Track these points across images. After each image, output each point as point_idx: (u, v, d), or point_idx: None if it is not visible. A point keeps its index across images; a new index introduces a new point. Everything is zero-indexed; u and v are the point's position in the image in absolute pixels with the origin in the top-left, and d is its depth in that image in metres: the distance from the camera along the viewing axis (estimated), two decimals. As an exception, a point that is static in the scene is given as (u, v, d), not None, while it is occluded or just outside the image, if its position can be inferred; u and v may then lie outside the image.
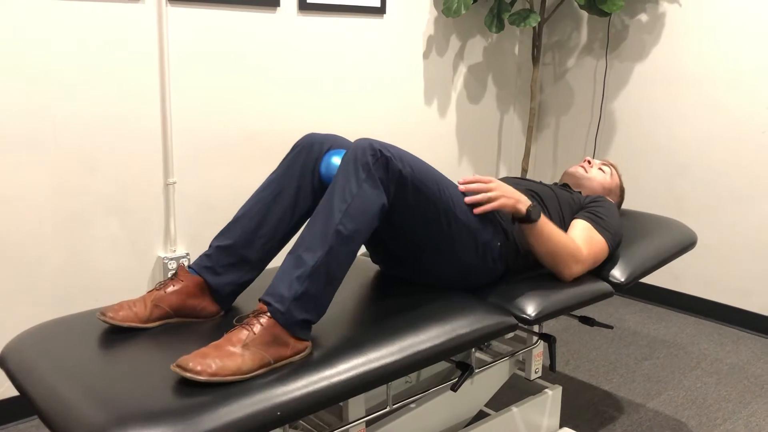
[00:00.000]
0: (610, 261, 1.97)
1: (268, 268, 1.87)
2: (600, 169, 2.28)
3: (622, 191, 2.33)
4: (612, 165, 2.33)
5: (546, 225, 1.76)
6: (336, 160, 1.62)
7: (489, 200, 1.69)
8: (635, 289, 3.56)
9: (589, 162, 2.29)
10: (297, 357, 1.37)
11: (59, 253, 2.36)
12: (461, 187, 1.69)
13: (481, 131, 3.66)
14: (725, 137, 3.16)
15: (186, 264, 2.62)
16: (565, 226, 1.95)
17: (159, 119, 2.52)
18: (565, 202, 2.02)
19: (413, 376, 2.06)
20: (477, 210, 1.68)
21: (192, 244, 2.67)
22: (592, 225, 1.91)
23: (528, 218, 1.72)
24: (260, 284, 1.74)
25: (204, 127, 2.64)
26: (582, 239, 1.86)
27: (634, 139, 3.48)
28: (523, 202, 1.72)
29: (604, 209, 1.98)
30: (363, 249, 2.07)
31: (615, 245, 1.95)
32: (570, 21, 3.66)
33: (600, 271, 1.95)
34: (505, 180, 2.12)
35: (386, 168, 1.49)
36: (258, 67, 2.74)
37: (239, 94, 2.71)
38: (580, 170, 2.26)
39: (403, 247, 1.72)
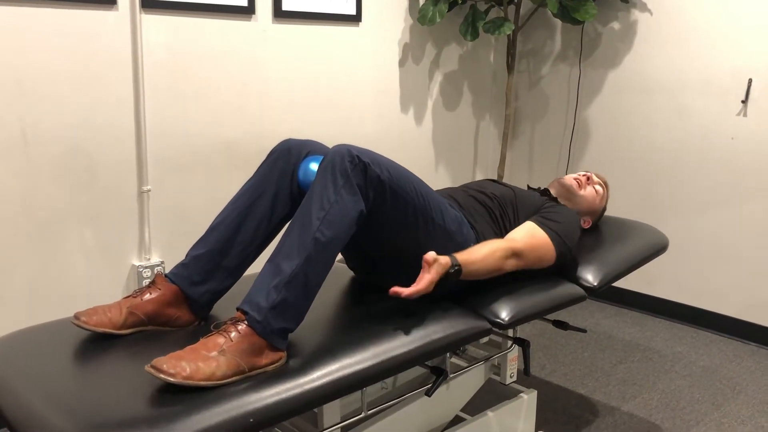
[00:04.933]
0: (582, 265, 1.99)
1: (245, 275, 1.86)
2: (595, 187, 2.19)
3: (602, 211, 2.28)
4: (606, 185, 2.27)
5: (471, 265, 1.67)
6: (314, 166, 1.62)
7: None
8: (610, 294, 3.60)
9: (588, 179, 2.19)
10: (271, 367, 1.37)
11: (31, 262, 2.34)
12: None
13: (457, 138, 3.68)
14: (696, 143, 3.21)
15: (162, 272, 2.60)
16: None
17: (133, 126, 2.50)
18: (524, 205, 1.99)
19: (389, 382, 2.06)
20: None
21: (167, 252, 2.65)
22: (538, 225, 1.88)
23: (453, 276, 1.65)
24: (237, 292, 1.73)
25: (179, 135, 2.63)
26: (521, 234, 1.84)
27: (608, 145, 3.53)
28: (438, 271, 1.60)
29: (558, 214, 1.95)
30: (339, 256, 2.07)
31: (563, 246, 1.89)
32: (544, 29, 3.70)
33: (573, 275, 1.97)
34: (476, 181, 2.13)
35: (364, 174, 1.50)
36: (233, 74, 2.74)
37: (215, 102, 2.71)
38: (574, 185, 2.16)
39: (381, 252, 1.73)
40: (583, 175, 2.20)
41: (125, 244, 2.55)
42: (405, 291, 1.54)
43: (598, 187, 2.20)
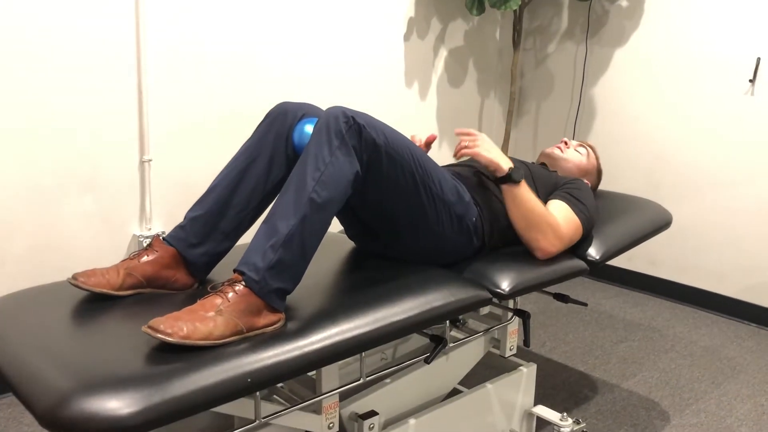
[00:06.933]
0: (584, 239, 1.98)
1: (242, 244, 1.85)
2: (576, 150, 2.27)
3: (599, 173, 2.31)
4: (590, 146, 2.31)
5: (528, 191, 1.81)
6: (309, 128, 1.60)
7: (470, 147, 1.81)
8: (611, 274, 3.58)
9: (566, 143, 2.28)
10: (270, 328, 1.36)
11: (31, 230, 2.33)
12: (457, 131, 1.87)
13: (462, 115, 3.66)
14: (703, 123, 3.18)
15: (161, 235, 2.60)
16: None
17: (135, 95, 2.48)
18: (540, 180, 2.00)
19: (388, 353, 2.06)
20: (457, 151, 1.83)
21: (168, 222, 2.64)
22: (569, 205, 1.91)
23: (509, 178, 1.77)
24: (235, 259, 1.72)
25: (181, 104, 2.61)
26: (560, 217, 1.86)
27: (613, 124, 3.50)
28: (506, 162, 1.79)
29: (581, 191, 1.97)
30: (339, 226, 2.06)
31: (588, 228, 1.95)
32: (551, 6, 3.66)
33: (575, 248, 1.95)
34: None
35: (359, 135, 1.48)
36: (236, 44, 2.71)
37: (217, 71, 2.68)
38: (557, 151, 2.26)
39: (378, 219, 1.71)
40: (561, 142, 2.30)
41: (126, 214, 2.54)
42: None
43: (580, 149, 2.28)
